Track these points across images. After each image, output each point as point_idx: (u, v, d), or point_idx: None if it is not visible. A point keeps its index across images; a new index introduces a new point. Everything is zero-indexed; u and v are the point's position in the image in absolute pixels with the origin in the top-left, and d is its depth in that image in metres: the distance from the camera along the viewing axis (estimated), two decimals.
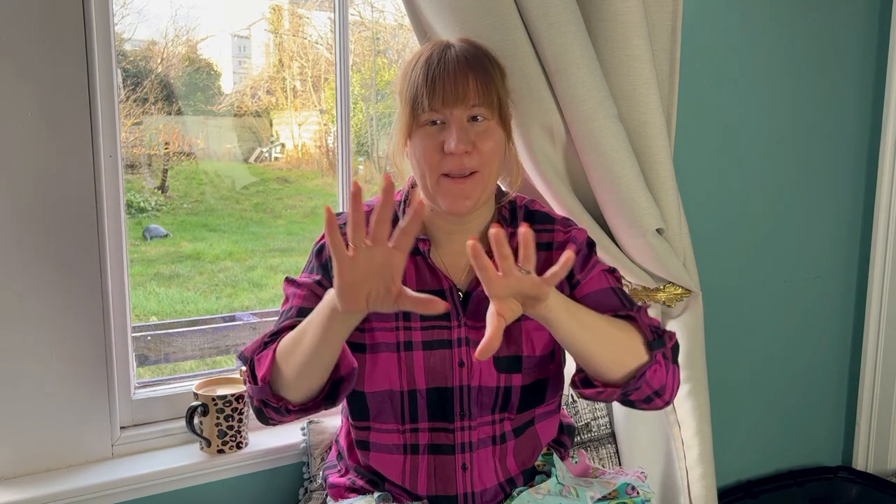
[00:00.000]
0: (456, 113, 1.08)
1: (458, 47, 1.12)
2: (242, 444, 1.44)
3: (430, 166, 1.09)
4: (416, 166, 1.12)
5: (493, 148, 1.11)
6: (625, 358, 1.06)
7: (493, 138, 1.11)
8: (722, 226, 1.93)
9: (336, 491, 1.23)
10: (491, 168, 1.11)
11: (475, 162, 1.08)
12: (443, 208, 1.11)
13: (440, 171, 1.08)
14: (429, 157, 1.09)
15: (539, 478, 1.21)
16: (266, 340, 1.07)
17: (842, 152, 2.09)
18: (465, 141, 1.06)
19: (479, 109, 1.09)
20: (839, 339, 2.20)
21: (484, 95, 1.09)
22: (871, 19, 2.05)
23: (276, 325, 1.12)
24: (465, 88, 1.07)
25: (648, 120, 1.41)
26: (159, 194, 4.15)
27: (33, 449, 1.32)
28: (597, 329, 1.04)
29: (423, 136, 1.09)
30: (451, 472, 1.13)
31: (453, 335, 1.13)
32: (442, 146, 1.07)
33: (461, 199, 1.09)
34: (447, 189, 1.09)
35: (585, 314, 1.04)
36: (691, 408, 1.54)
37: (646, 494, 1.22)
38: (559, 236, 1.19)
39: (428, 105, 1.07)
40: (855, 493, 2.06)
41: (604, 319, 1.07)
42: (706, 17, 1.78)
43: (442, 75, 1.08)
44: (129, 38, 3.48)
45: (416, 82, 1.09)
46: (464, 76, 1.08)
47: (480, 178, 1.10)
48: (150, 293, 4.01)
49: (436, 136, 1.08)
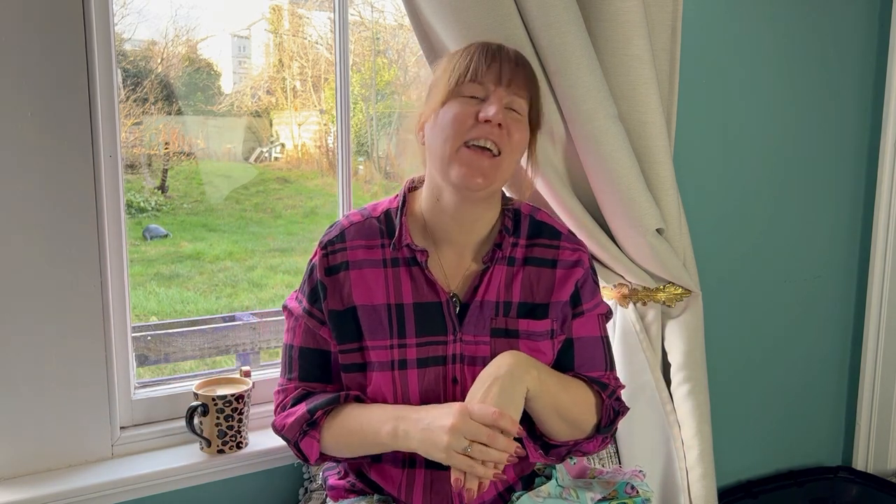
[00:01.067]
0: (500, 92, 1.10)
1: (513, 49, 1.17)
2: (242, 445, 1.43)
3: (458, 130, 1.08)
4: (438, 135, 1.10)
5: (521, 140, 1.12)
6: (573, 433, 1.15)
7: (523, 132, 1.13)
8: (722, 226, 1.93)
9: (335, 493, 1.23)
10: (512, 157, 1.12)
11: (503, 141, 1.09)
12: (453, 180, 1.09)
13: (467, 136, 1.08)
14: (460, 120, 1.08)
15: (538, 481, 1.21)
16: (305, 429, 1.14)
17: (842, 152, 2.09)
18: (502, 112, 1.08)
19: (519, 102, 1.12)
20: (839, 338, 2.20)
21: (528, 91, 1.13)
22: (871, 19, 2.05)
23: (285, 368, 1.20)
24: (517, 75, 1.11)
25: (648, 120, 1.41)
26: (159, 194, 4.15)
27: (33, 449, 1.32)
28: (563, 412, 1.12)
29: (461, 103, 1.10)
30: (447, 487, 1.12)
31: (448, 351, 1.12)
32: (476, 115, 1.08)
33: (477, 172, 1.08)
34: (466, 158, 1.08)
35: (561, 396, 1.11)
36: (691, 408, 1.53)
37: (645, 493, 1.22)
38: (566, 254, 1.19)
39: (477, 76, 1.09)
40: (855, 493, 2.06)
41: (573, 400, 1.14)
42: (706, 17, 1.78)
43: (500, 58, 1.11)
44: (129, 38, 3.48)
45: (472, 56, 1.11)
46: (517, 67, 1.12)
47: (499, 164, 1.09)
48: (150, 293, 4.01)
49: (472, 105, 1.09)
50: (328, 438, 1.13)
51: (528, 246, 1.18)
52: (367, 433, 1.09)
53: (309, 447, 1.14)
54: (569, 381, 1.15)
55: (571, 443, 1.15)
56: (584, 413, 1.15)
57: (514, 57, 1.14)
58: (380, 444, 1.08)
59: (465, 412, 1.00)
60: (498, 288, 1.15)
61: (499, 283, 1.15)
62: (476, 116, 1.07)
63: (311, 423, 1.13)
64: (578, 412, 1.14)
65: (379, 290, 1.13)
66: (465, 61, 1.11)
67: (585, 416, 1.15)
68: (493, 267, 1.15)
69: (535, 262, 1.17)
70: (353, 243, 1.15)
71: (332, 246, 1.15)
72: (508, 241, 1.16)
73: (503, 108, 1.09)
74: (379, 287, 1.13)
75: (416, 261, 1.14)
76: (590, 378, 1.18)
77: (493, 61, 1.11)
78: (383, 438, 1.07)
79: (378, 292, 1.12)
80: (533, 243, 1.18)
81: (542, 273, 1.17)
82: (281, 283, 4.17)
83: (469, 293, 1.15)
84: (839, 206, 2.13)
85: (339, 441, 1.12)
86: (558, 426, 1.12)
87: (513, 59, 1.13)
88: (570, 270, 1.17)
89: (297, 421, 1.13)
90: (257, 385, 1.52)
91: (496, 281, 1.15)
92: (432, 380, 1.11)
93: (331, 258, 1.15)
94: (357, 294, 1.12)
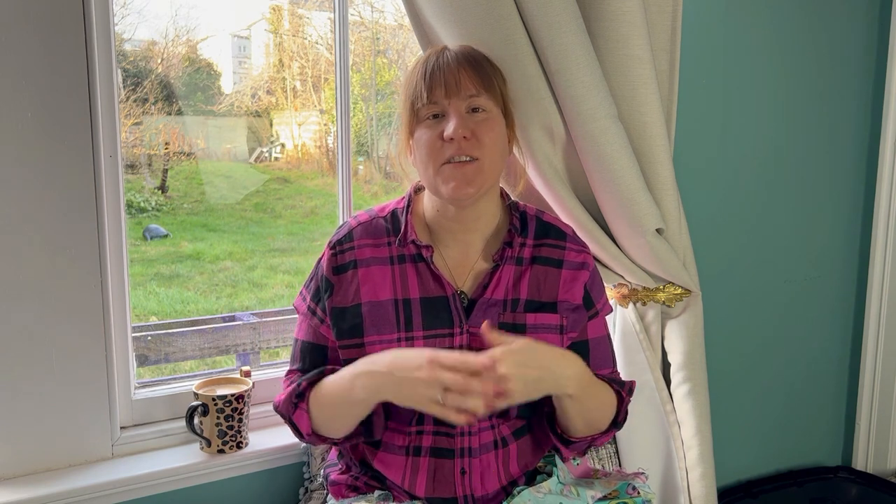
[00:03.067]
0: (454, 103, 1.10)
1: (455, 48, 1.16)
2: (242, 444, 1.44)
3: (432, 155, 1.11)
4: (419, 161, 1.14)
5: (494, 139, 1.12)
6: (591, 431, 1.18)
7: (494, 130, 1.13)
8: (722, 226, 1.93)
9: (337, 489, 1.24)
10: (492, 158, 1.12)
11: (475, 149, 1.10)
12: (445, 196, 1.13)
13: (442, 158, 1.10)
14: (430, 146, 1.11)
15: (540, 478, 1.22)
16: (294, 401, 1.15)
17: (842, 152, 2.09)
18: (463, 126, 1.09)
19: (477, 100, 1.12)
20: (839, 338, 2.20)
21: (482, 86, 1.12)
22: (871, 19, 2.05)
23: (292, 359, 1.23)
24: (463, 80, 1.11)
25: (648, 120, 1.41)
26: (159, 194, 4.15)
27: (33, 449, 1.32)
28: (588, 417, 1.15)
29: (425, 128, 1.12)
30: (449, 476, 1.14)
31: (455, 342, 1.14)
32: (442, 134, 1.10)
33: (463, 184, 1.10)
34: (449, 174, 1.11)
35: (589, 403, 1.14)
36: (691, 408, 1.53)
37: (646, 495, 1.22)
38: (571, 255, 1.21)
39: (427, 98, 1.10)
40: (855, 493, 2.06)
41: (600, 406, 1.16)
42: (706, 17, 1.78)
43: (441, 69, 1.11)
44: (129, 38, 3.48)
45: (415, 80, 1.13)
46: (461, 69, 1.12)
47: (481, 167, 1.11)
48: (150, 293, 4.01)
49: (436, 127, 1.11)
50: (313, 409, 1.14)
51: (536, 246, 1.20)
52: (341, 394, 1.10)
53: (300, 419, 1.15)
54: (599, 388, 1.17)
55: (590, 438, 1.18)
56: (606, 416, 1.19)
57: (454, 58, 1.13)
58: (357, 401, 1.08)
59: (435, 361, 1.00)
60: (506, 286, 1.17)
61: (507, 281, 1.17)
62: (442, 136, 1.10)
63: (299, 395, 1.15)
64: (601, 415, 1.18)
65: (386, 287, 1.15)
66: (412, 88, 1.13)
67: (606, 418, 1.19)
68: (502, 266, 1.17)
69: (543, 261, 1.19)
70: (360, 242, 1.18)
71: (340, 246, 1.18)
72: (518, 240, 1.19)
73: (462, 119, 1.10)
74: (386, 283, 1.15)
75: (421, 257, 1.16)
76: (610, 378, 1.22)
77: (433, 77, 1.11)
78: (357, 395, 1.07)
79: (385, 288, 1.15)
80: (541, 243, 1.21)
81: (548, 272, 1.19)
82: (281, 283, 4.17)
83: (478, 291, 1.17)
84: (839, 206, 2.13)
85: (322, 410, 1.13)
86: (582, 428, 1.16)
87: (452, 63, 1.12)
88: (576, 272, 1.20)
89: (288, 395, 1.16)
90: (257, 385, 1.52)
91: (505, 279, 1.17)
92: None
93: (339, 257, 1.17)
94: (365, 291, 1.15)
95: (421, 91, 1.11)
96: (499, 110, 1.15)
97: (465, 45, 1.20)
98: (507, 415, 1.16)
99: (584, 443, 1.19)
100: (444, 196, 1.13)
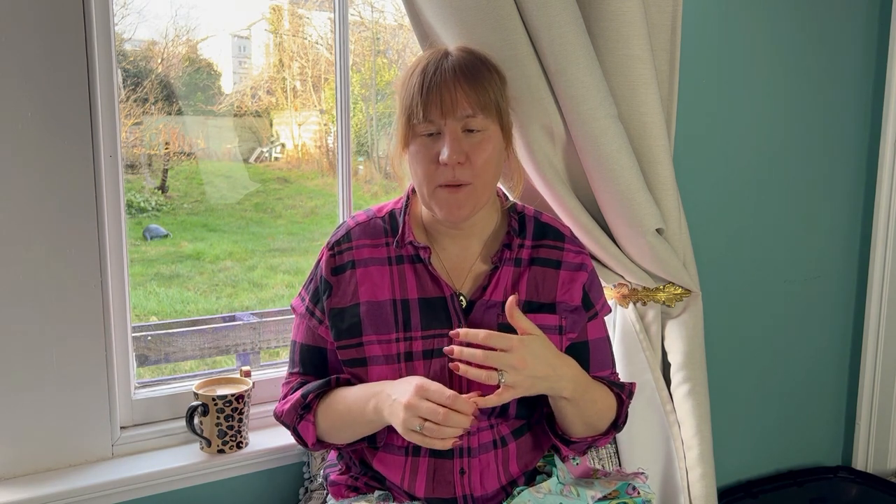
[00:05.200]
0: (450, 124, 1.09)
1: (454, 56, 1.12)
2: (242, 444, 1.44)
3: (427, 177, 1.11)
4: (413, 175, 1.15)
5: (488, 159, 1.11)
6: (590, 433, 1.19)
7: (489, 149, 1.11)
8: (722, 226, 1.93)
9: (337, 489, 1.24)
10: (485, 179, 1.12)
11: (468, 174, 1.10)
12: (439, 217, 1.14)
13: (436, 182, 1.10)
14: (425, 167, 1.11)
15: (540, 478, 1.22)
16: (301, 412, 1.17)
17: (842, 152, 2.09)
18: (457, 152, 1.08)
19: (473, 121, 1.10)
20: (839, 338, 2.20)
21: (478, 106, 1.09)
22: (871, 19, 2.05)
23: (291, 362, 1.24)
24: (459, 99, 1.08)
25: (648, 120, 1.41)
26: (159, 194, 4.15)
27: (33, 449, 1.32)
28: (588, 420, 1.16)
29: (420, 146, 1.11)
30: (449, 476, 1.14)
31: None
32: (437, 157, 1.09)
33: (455, 208, 1.11)
34: (443, 199, 1.11)
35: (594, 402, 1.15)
36: (691, 408, 1.53)
37: (647, 495, 1.22)
38: (570, 256, 1.21)
39: (423, 116, 1.09)
40: (855, 492, 2.06)
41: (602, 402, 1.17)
42: (706, 17, 1.78)
43: (438, 85, 1.08)
44: (129, 38, 3.48)
45: (412, 92, 1.10)
46: (458, 87, 1.08)
47: (473, 190, 1.11)
48: (151, 293, 4.01)
49: (431, 146, 1.10)
50: (322, 421, 1.16)
51: (535, 247, 1.21)
52: (354, 411, 1.12)
53: (306, 430, 1.17)
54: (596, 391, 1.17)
55: (590, 439, 1.19)
56: (605, 419, 1.19)
57: (452, 72, 1.09)
58: (367, 421, 1.11)
59: (421, 390, 1.02)
60: (505, 288, 1.17)
61: (506, 283, 1.18)
62: (437, 159, 1.09)
63: (306, 407, 1.17)
64: (599, 417, 1.18)
65: (384, 287, 1.16)
66: (409, 100, 1.10)
67: (605, 421, 1.20)
68: (501, 267, 1.18)
69: (541, 262, 1.20)
70: (358, 242, 1.18)
71: (338, 246, 1.19)
72: (516, 241, 1.19)
73: (457, 142, 1.08)
74: (385, 284, 1.16)
75: (419, 258, 1.17)
76: (609, 381, 1.22)
77: (429, 93, 1.08)
78: (369, 416, 1.10)
79: (384, 289, 1.16)
80: (539, 244, 1.21)
81: (546, 273, 1.19)
82: (281, 283, 4.17)
83: (477, 292, 1.17)
84: (839, 206, 2.12)
85: (333, 423, 1.15)
86: (580, 430, 1.16)
87: (450, 78, 1.09)
88: (574, 273, 1.20)
89: (293, 406, 1.17)
90: (257, 385, 1.52)
91: (504, 281, 1.18)
92: (438, 370, 1.13)
93: (337, 258, 1.18)
94: (363, 291, 1.15)
95: (417, 107, 1.09)
96: (496, 126, 1.13)
97: (465, 47, 1.17)
98: (507, 414, 1.16)
99: (583, 443, 1.19)
100: (438, 217, 1.14)
